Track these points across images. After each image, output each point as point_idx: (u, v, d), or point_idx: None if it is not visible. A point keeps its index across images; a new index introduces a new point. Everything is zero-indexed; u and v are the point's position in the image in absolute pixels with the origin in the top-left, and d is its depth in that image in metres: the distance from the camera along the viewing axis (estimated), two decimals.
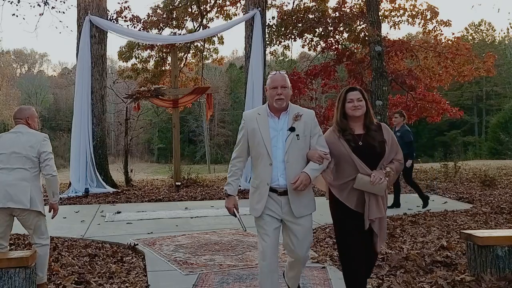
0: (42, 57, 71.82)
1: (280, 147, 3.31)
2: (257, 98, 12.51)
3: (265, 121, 3.37)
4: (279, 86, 3.34)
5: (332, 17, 16.04)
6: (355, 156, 3.31)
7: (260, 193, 3.34)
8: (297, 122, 3.33)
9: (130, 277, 4.67)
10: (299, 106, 3.52)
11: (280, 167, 3.30)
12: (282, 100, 3.33)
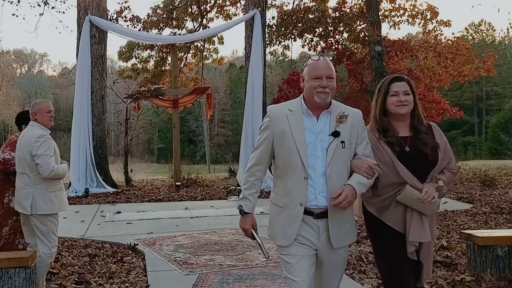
0: (42, 57, 71.85)
1: (319, 156, 2.52)
2: (257, 98, 12.51)
3: (299, 120, 2.57)
4: (324, 77, 2.54)
5: (332, 17, 16.05)
6: (401, 165, 2.65)
7: (290, 215, 2.54)
8: (341, 125, 2.55)
9: (130, 277, 4.67)
10: (342, 104, 2.72)
11: (319, 182, 2.52)
12: (327, 95, 2.54)
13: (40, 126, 4.20)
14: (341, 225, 2.56)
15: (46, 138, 4.12)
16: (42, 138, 4.11)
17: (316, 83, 2.54)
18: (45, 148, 4.08)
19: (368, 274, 4.57)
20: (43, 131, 4.18)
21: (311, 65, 2.62)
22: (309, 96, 2.58)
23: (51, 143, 4.16)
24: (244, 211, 2.68)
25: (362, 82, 16.16)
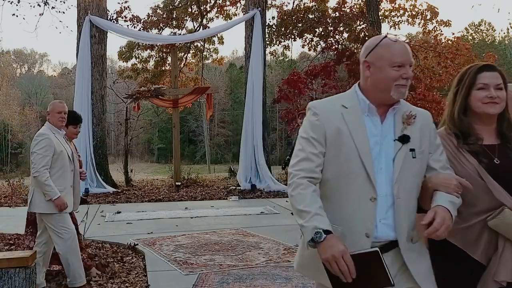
0: (42, 57, 71.81)
1: (383, 169, 1.88)
2: (257, 98, 12.52)
3: (360, 120, 1.93)
4: (407, 65, 1.91)
5: (332, 17, 16.06)
6: (493, 181, 1.99)
7: None
8: (409, 127, 1.93)
9: (130, 277, 4.67)
10: (406, 102, 2.04)
11: (382, 205, 1.86)
12: (406, 89, 1.92)
13: (51, 126, 4.28)
14: (418, 262, 1.89)
15: (44, 137, 4.14)
16: (41, 137, 4.16)
17: (397, 73, 1.88)
18: (40, 147, 4.11)
19: None
20: (48, 131, 4.22)
21: (388, 47, 1.91)
22: (379, 89, 1.92)
23: (49, 143, 4.13)
24: (325, 230, 1.73)
25: None
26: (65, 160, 4.24)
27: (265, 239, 6.14)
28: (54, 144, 4.17)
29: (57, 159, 4.17)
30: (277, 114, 35.84)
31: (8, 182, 13.39)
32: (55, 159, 4.15)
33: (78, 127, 4.80)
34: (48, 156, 4.11)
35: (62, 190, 4.17)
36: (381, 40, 1.95)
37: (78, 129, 4.83)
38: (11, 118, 46.74)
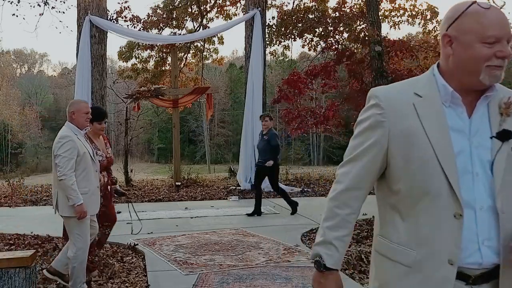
0: (42, 57, 71.85)
1: (479, 175, 1.48)
2: (257, 98, 12.52)
3: (439, 113, 1.51)
4: (504, 39, 1.45)
5: (332, 17, 16.05)
6: None
7: (428, 282, 1.47)
8: (509, 120, 1.51)
9: (130, 277, 4.67)
10: (503, 87, 1.58)
11: (482, 222, 1.46)
12: (502, 71, 1.47)
13: (73, 127, 4.24)
14: None
15: (68, 140, 4.11)
16: (65, 139, 4.12)
17: (490, 50, 1.44)
18: (65, 149, 4.08)
19: (368, 274, 4.57)
20: (70, 133, 4.19)
21: (477, 16, 1.46)
22: (465, 72, 1.48)
23: (73, 145, 4.11)
24: (326, 266, 1.56)
25: (362, 82, 16.15)
26: (88, 161, 4.22)
27: (265, 239, 6.15)
28: (78, 145, 4.15)
29: (81, 160, 4.14)
30: (277, 114, 35.82)
31: (8, 182, 13.39)
32: (78, 161, 4.12)
33: (103, 123, 4.84)
34: (73, 158, 4.08)
35: (87, 192, 4.15)
36: (468, 7, 1.47)
37: (104, 124, 4.86)
38: (11, 118, 46.74)
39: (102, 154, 4.78)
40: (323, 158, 49.12)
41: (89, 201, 4.15)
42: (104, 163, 4.76)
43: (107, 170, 4.89)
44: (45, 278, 4.44)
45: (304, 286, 4.19)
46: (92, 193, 4.21)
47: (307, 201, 10.19)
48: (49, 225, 7.54)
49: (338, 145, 47.81)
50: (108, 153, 4.88)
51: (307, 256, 5.19)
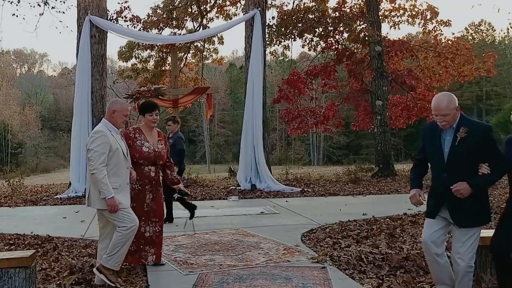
0: (42, 57, 71.91)
1: None
2: (257, 98, 12.51)
3: None
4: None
5: (332, 17, 16.06)
6: None
7: None
8: None
9: (130, 277, 4.67)
10: None
11: None
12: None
13: (109, 124, 4.33)
14: None
15: (101, 135, 4.21)
16: (97, 134, 4.22)
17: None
18: (97, 144, 4.18)
19: (368, 274, 4.57)
20: (104, 128, 4.27)
21: None
22: None
23: (105, 140, 4.19)
24: None
25: (362, 82, 16.16)
26: (120, 158, 4.28)
27: (265, 239, 6.14)
28: (110, 141, 4.21)
29: (112, 156, 4.22)
30: (277, 114, 35.81)
31: (8, 182, 13.39)
32: (110, 157, 4.20)
33: (154, 114, 4.84)
34: (105, 153, 4.16)
35: (117, 187, 4.22)
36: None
37: (155, 116, 4.86)
38: (11, 118, 46.75)
39: (150, 146, 4.80)
40: (323, 158, 49.13)
41: (120, 196, 4.22)
42: (151, 156, 4.79)
43: (156, 165, 4.88)
44: (45, 278, 4.44)
45: (304, 286, 4.19)
46: (122, 188, 4.29)
47: (307, 201, 10.18)
48: (49, 225, 7.55)
49: (338, 145, 47.84)
50: (158, 148, 4.87)
51: (307, 256, 5.20)
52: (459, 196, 3.49)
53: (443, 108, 3.51)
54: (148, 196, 4.84)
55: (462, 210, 3.57)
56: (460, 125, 3.57)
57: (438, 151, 3.63)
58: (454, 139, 3.57)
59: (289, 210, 8.66)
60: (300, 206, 9.09)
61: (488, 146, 3.53)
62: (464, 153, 3.52)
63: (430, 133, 3.75)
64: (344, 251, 5.30)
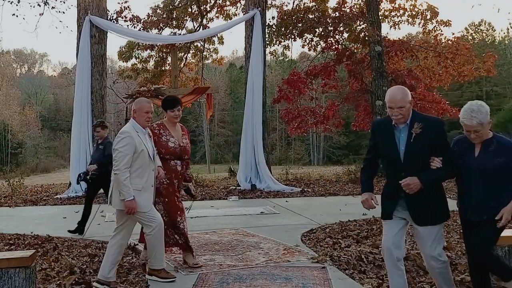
0: (42, 57, 71.90)
1: None
2: (257, 98, 12.51)
3: None
4: None
5: (332, 17, 16.05)
6: None
7: None
8: None
9: (130, 277, 4.67)
10: None
11: None
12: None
13: (135, 124, 4.33)
14: None
15: (126, 136, 4.20)
16: (124, 134, 4.23)
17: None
18: (122, 145, 4.18)
19: (368, 274, 4.57)
20: (131, 129, 4.27)
21: None
22: None
23: (131, 141, 4.18)
24: None
25: (362, 82, 16.15)
26: (145, 159, 4.27)
27: (265, 239, 6.14)
28: (136, 142, 4.20)
29: (137, 158, 4.21)
30: (277, 114, 35.80)
31: (8, 182, 13.39)
32: (135, 158, 4.19)
33: (175, 110, 4.90)
34: (129, 154, 4.16)
35: (140, 189, 4.22)
36: None
37: (177, 112, 4.91)
38: (11, 118, 46.74)
39: (176, 141, 4.84)
40: (323, 158, 49.12)
41: (141, 198, 4.23)
42: (177, 150, 4.83)
43: (182, 159, 4.92)
44: (45, 278, 4.44)
45: (304, 286, 4.19)
46: (145, 189, 4.28)
47: (307, 201, 10.18)
48: (49, 225, 7.55)
49: (338, 145, 47.83)
50: (183, 143, 4.92)
51: (307, 256, 5.20)
52: (409, 191, 3.36)
53: (399, 100, 3.36)
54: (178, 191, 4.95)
55: (423, 209, 3.45)
56: (414, 120, 3.42)
57: (393, 150, 3.44)
58: (409, 136, 3.40)
59: (289, 210, 8.66)
60: (300, 206, 9.09)
61: (441, 141, 3.44)
62: (420, 150, 3.37)
63: (381, 131, 3.56)
64: (344, 251, 5.30)
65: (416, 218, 3.48)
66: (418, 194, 3.39)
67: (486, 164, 3.35)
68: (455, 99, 40.27)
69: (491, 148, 3.38)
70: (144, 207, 4.24)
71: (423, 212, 3.45)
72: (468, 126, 3.33)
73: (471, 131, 3.33)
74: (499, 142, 3.41)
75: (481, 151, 3.41)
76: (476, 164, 3.40)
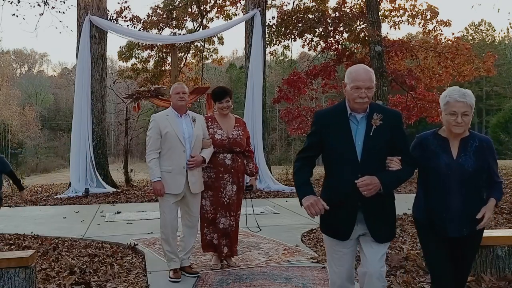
0: (42, 57, 71.83)
1: None
2: (257, 98, 12.50)
3: None
4: None
5: (332, 17, 16.05)
6: None
7: None
8: None
9: (130, 277, 4.67)
10: None
11: None
12: None
13: (170, 108, 4.53)
14: None
15: (152, 120, 4.45)
16: (151, 119, 4.47)
17: None
18: (149, 129, 4.43)
19: None
20: (161, 114, 4.53)
21: None
22: None
23: (155, 125, 4.39)
24: None
25: None
26: (173, 141, 4.36)
27: (265, 239, 6.14)
28: (160, 125, 4.37)
29: (165, 140, 4.35)
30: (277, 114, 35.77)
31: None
32: (163, 141, 4.36)
33: (224, 102, 4.85)
34: (153, 137, 4.36)
35: (170, 171, 4.36)
36: None
37: (226, 103, 4.86)
38: (11, 118, 46.73)
39: (223, 134, 4.76)
40: None
41: (171, 180, 4.36)
42: (225, 143, 4.72)
43: (233, 152, 4.76)
44: (45, 278, 4.44)
45: (304, 286, 4.19)
46: (176, 172, 4.37)
47: None
48: (49, 225, 7.55)
49: None
50: (233, 134, 4.79)
51: (307, 256, 5.19)
52: (367, 193, 2.69)
53: (368, 79, 2.74)
54: (229, 186, 4.71)
55: (381, 221, 2.82)
56: (373, 111, 2.80)
57: (348, 144, 2.77)
58: (367, 129, 2.78)
59: (289, 210, 8.65)
60: (300, 206, 9.08)
61: (400, 137, 2.85)
62: (379, 146, 2.77)
63: (332, 122, 2.85)
64: None
65: (375, 233, 2.82)
66: (375, 202, 2.76)
67: (468, 167, 2.82)
68: None
69: (470, 147, 2.87)
70: (173, 189, 4.40)
71: (383, 225, 2.84)
72: (457, 105, 2.80)
73: (458, 114, 2.79)
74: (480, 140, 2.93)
75: (460, 151, 2.86)
76: (454, 167, 2.83)
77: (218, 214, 4.72)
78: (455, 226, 2.83)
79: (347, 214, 2.81)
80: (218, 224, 4.73)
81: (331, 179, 2.91)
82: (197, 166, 4.48)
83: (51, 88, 59.42)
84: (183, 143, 4.40)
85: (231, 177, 4.72)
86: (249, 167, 4.95)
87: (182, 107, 4.52)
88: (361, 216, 2.80)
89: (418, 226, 3.06)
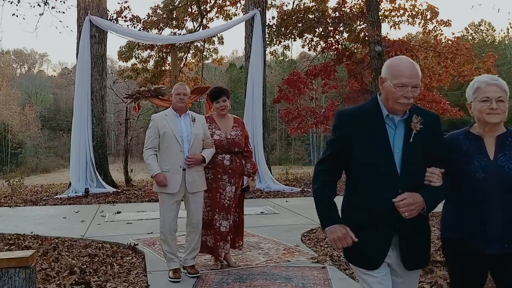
0: (42, 57, 71.85)
1: None
2: (257, 98, 12.50)
3: None
4: None
5: (332, 17, 16.06)
6: None
7: None
8: None
9: (130, 277, 4.67)
10: None
11: None
12: None
13: (170, 108, 4.60)
14: None
15: (151, 119, 4.54)
16: (152, 118, 4.56)
17: None
18: (148, 128, 4.53)
19: None
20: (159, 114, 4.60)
21: None
22: None
23: (153, 124, 4.47)
24: None
25: (362, 82, 16.16)
26: (170, 141, 4.41)
27: (265, 239, 6.14)
28: (158, 125, 4.44)
29: (162, 140, 4.43)
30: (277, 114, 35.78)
31: (8, 182, 13.39)
32: (161, 140, 4.44)
33: (221, 101, 4.85)
34: (152, 136, 4.45)
35: (168, 170, 4.43)
36: None
37: (222, 103, 4.87)
38: (11, 118, 46.74)
39: (221, 134, 4.76)
40: None
41: (169, 180, 4.45)
42: (223, 143, 4.72)
43: (232, 152, 4.74)
44: (45, 278, 4.44)
45: (304, 286, 4.18)
46: (173, 172, 4.44)
47: (307, 201, 10.16)
48: (49, 225, 7.55)
49: None
50: (231, 135, 4.77)
51: (307, 256, 5.19)
52: (407, 214, 2.17)
53: (415, 75, 2.22)
54: (228, 188, 4.70)
55: (415, 246, 2.30)
56: (412, 112, 2.30)
57: (386, 154, 2.24)
58: (406, 135, 2.27)
59: (289, 210, 8.66)
60: (300, 206, 9.09)
61: (441, 144, 2.38)
62: (421, 157, 2.27)
63: (362, 125, 2.29)
64: None
65: (406, 261, 2.29)
66: (413, 223, 2.25)
67: (508, 169, 2.30)
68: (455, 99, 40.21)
69: (510, 146, 2.34)
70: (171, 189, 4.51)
71: (416, 251, 2.32)
72: (490, 89, 2.29)
73: (492, 99, 2.27)
74: None
75: (497, 151, 2.34)
76: (492, 170, 2.30)
77: (217, 216, 4.72)
78: (494, 241, 2.29)
79: (380, 239, 2.27)
80: (218, 227, 4.72)
81: (362, 198, 2.31)
82: (195, 164, 4.48)
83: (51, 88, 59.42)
84: (180, 142, 4.42)
85: (229, 178, 4.72)
86: (247, 167, 4.94)
87: (182, 108, 4.55)
88: (396, 241, 2.29)
89: (446, 247, 2.51)
